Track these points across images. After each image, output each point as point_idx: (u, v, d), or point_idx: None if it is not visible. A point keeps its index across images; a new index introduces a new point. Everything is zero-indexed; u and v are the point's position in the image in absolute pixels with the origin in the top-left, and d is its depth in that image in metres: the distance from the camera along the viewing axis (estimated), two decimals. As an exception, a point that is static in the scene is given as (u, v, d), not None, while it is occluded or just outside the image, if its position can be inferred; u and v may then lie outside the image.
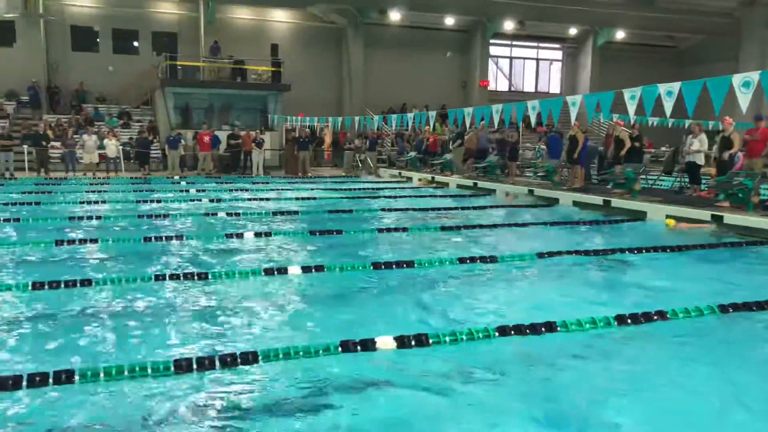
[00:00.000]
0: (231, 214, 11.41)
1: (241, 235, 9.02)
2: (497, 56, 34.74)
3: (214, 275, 6.50)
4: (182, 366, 4.03)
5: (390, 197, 15.10)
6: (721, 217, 10.04)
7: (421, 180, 19.59)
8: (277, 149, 24.96)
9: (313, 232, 9.38)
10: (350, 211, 12.16)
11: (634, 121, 13.90)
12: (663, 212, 10.99)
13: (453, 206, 13.14)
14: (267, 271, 6.70)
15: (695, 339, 4.95)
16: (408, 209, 12.48)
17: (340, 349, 4.38)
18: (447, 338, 4.67)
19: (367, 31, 30.26)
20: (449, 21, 31.15)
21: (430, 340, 4.60)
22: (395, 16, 29.67)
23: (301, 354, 4.30)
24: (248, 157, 22.03)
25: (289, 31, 30.20)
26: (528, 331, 4.86)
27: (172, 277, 6.37)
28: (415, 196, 15.30)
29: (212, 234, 9.16)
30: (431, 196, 15.39)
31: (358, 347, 4.42)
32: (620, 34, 33.17)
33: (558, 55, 35.96)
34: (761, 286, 6.54)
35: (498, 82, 35.01)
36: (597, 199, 12.65)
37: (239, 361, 4.15)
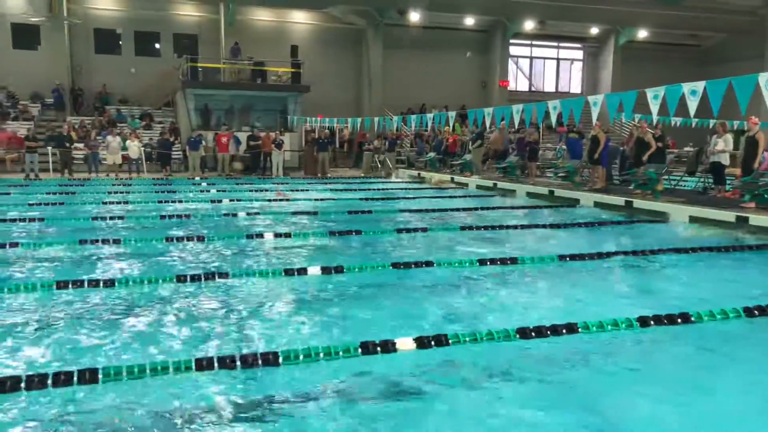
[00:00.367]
0: (250, 214, 11.47)
1: (261, 235, 9.07)
2: (517, 56, 34.56)
3: (234, 275, 6.54)
4: (203, 365, 4.06)
5: (409, 198, 15.08)
6: (747, 218, 9.87)
7: (433, 180, 19.44)
8: (297, 150, 25.07)
9: (333, 233, 9.40)
10: (369, 211, 12.17)
11: (657, 121, 13.71)
12: (686, 213, 10.84)
13: (472, 207, 13.08)
14: (287, 272, 6.73)
15: (720, 342, 4.88)
16: (427, 210, 12.46)
17: (360, 351, 4.38)
18: (467, 339, 4.64)
19: (387, 31, 30.29)
20: (469, 21, 31.05)
21: (450, 341, 4.58)
22: (414, 16, 29.64)
23: (322, 355, 4.31)
24: (268, 158, 22.16)
25: (309, 32, 30.33)
26: (548, 333, 4.82)
27: (193, 278, 6.42)
28: (434, 197, 15.26)
29: (232, 234, 9.23)
30: (450, 197, 15.35)
31: (378, 348, 4.42)
32: (642, 33, 32.81)
33: (579, 54, 35.65)
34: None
35: (518, 82, 34.83)
36: (619, 199, 12.51)
37: (260, 361, 4.17)
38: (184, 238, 8.80)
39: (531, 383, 4.06)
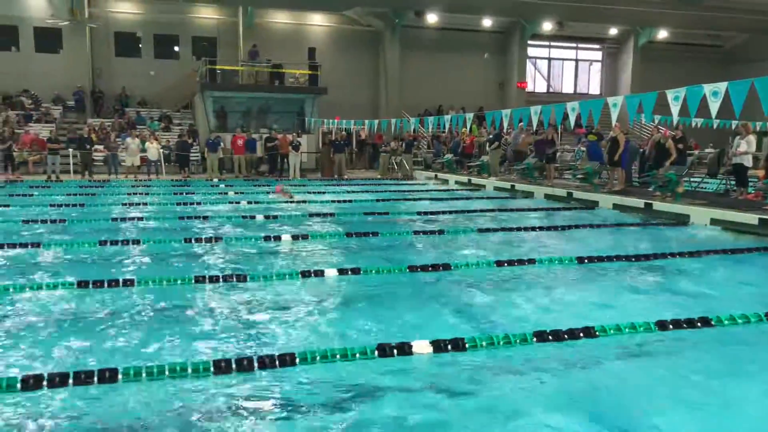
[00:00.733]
0: (268, 216, 11.53)
1: (278, 237, 9.11)
2: (535, 57, 34.36)
3: (251, 277, 6.57)
4: (221, 367, 4.08)
5: (426, 199, 15.06)
6: (769, 220, 9.73)
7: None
8: (314, 152, 25.15)
9: (349, 234, 9.41)
10: (386, 213, 12.17)
11: (677, 123, 13.55)
12: (708, 216, 10.70)
13: (490, 208, 13.02)
14: (303, 274, 6.75)
15: (741, 347, 4.81)
16: (444, 211, 12.43)
17: (376, 353, 4.37)
18: (484, 342, 4.62)
19: (404, 33, 30.29)
20: (486, 22, 30.94)
21: (467, 345, 4.57)
22: (432, 18, 29.63)
23: (338, 357, 4.32)
24: (285, 160, 22.26)
25: (327, 34, 30.43)
26: (566, 336, 4.79)
27: (212, 279, 6.46)
28: (451, 199, 15.22)
29: (250, 236, 9.28)
30: (467, 199, 15.30)
31: (395, 351, 4.41)
32: (663, 34, 32.45)
33: (597, 55, 35.35)
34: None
35: (536, 84, 34.61)
36: (638, 202, 12.38)
37: (277, 362, 4.18)
38: (202, 239, 8.87)
39: (548, 387, 4.03)
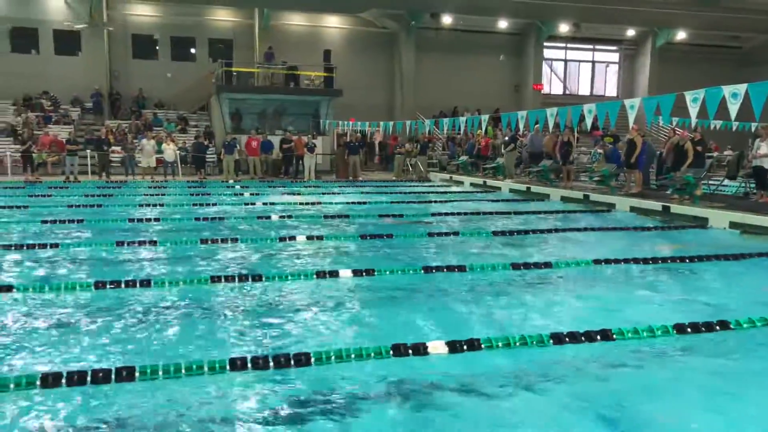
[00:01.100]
0: (283, 217, 11.57)
1: (293, 238, 9.13)
2: (551, 59, 34.18)
3: (267, 277, 6.60)
4: (237, 365, 4.10)
5: (440, 201, 15.03)
6: (790, 224, 9.60)
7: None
8: (329, 153, 25.20)
9: (364, 236, 9.41)
10: (401, 215, 12.16)
11: (695, 125, 13.41)
12: (727, 219, 10.58)
13: (505, 211, 12.97)
14: (318, 274, 6.76)
15: (761, 351, 4.74)
16: (459, 213, 12.40)
17: (391, 353, 4.37)
18: (500, 344, 4.60)
19: (419, 35, 30.28)
20: (502, 24, 30.83)
21: (482, 345, 4.54)
22: (447, 20, 29.59)
23: (353, 357, 4.31)
24: (300, 162, 22.33)
25: (342, 36, 30.51)
26: (583, 339, 4.75)
27: (228, 279, 6.49)
28: (466, 201, 15.17)
29: (265, 237, 9.31)
30: (483, 201, 15.24)
31: (410, 351, 4.40)
32: (681, 35, 32.11)
33: (614, 57, 35.08)
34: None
35: (552, 86, 34.42)
36: (656, 204, 12.27)
37: (292, 362, 4.19)
38: (218, 239, 8.92)
39: (564, 390, 3.99)
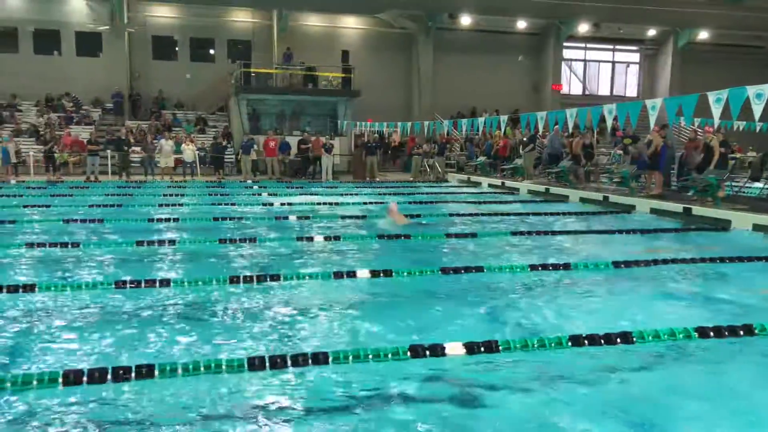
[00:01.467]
0: (301, 217, 11.60)
1: (311, 238, 9.15)
2: (570, 59, 33.94)
3: (285, 277, 6.61)
4: (255, 364, 4.11)
5: (458, 202, 14.98)
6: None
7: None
8: (346, 154, 25.24)
9: (381, 236, 9.40)
10: (418, 215, 12.12)
11: (718, 126, 13.23)
12: (750, 221, 10.41)
13: (524, 212, 12.89)
14: (336, 275, 6.76)
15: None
16: (477, 214, 12.34)
17: (409, 354, 4.35)
18: (518, 345, 4.56)
19: (438, 36, 30.23)
20: (521, 24, 30.69)
21: (500, 347, 4.51)
22: (466, 20, 29.50)
23: (371, 357, 4.30)
24: (318, 162, 22.39)
25: (360, 37, 30.56)
26: (602, 342, 4.69)
27: (246, 279, 6.52)
28: (484, 202, 15.10)
29: (283, 237, 9.34)
30: (501, 202, 15.17)
31: (427, 352, 4.38)
32: (703, 35, 31.70)
33: (635, 57, 34.73)
34: None
35: (571, 86, 34.17)
36: (677, 206, 12.10)
37: (310, 361, 4.20)
38: (237, 239, 8.96)
39: (583, 393, 3.96)
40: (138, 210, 12.73)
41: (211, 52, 29.42)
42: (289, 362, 4.17)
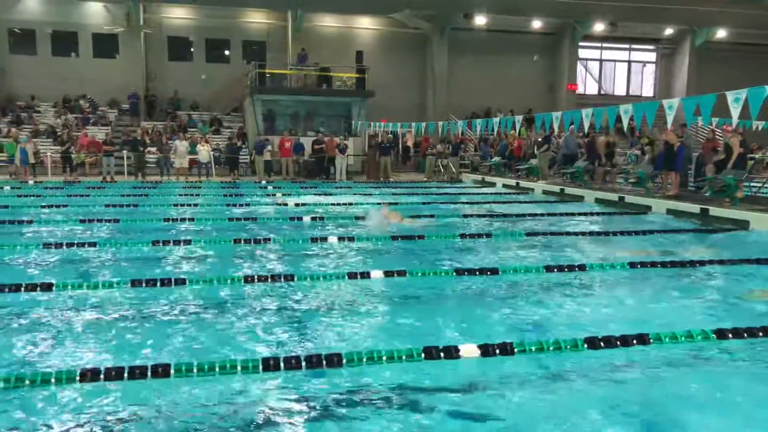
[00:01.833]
0: (315, 218, 11.62)
1: (324, 238, 9.16)
2: (586, 59, 33.70)
3: (299, 277, 6.63)
4: (270, 365, 4.12)
5: (473, 203, 14.93)
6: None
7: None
8: (360, 155, 25.26)
9: (395, 237, 9.39)
10: (432, 216, 12.10)
11: (736, 125, 13.07)
12: (768, 222, 10.27)
13: (539, 212, 12.82)
14: (350, 275, 6.76)
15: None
16: (491, 215, 12.29)
17: (423, 356, 4.34)
18: (533, 347, 4.53)
19: (452, 36, 30.15)
20: (536, 24, 30.52)
21: (515, 349, 4.48)
22: (481, 20, 29.38)
23: (384, 358, 4.30)
24: (332, 163, 22.43)
25: (375, 37, 30.56)
26: (618, 344, 4.65)
27: (260, 279, 6.54)
28: (499, 202, 15.04)
29: (297, 237, 9.37)
30: (516, 203, 15.10)
31: (442, 354, 4.37)
32: (721, 33, 31.30)
33: (651, 56, 34.42)
34: None
35: (587, 86, 33.94)
36: (694, 207, 11.97)
37: (324, 362, 4.20)
38: (251, 239, 8.99)
39: (598, 396, 3.93)
40: (153, 210, 12.82)
41: (226, 53, 29.58)
42: (303, 363, 4.18)
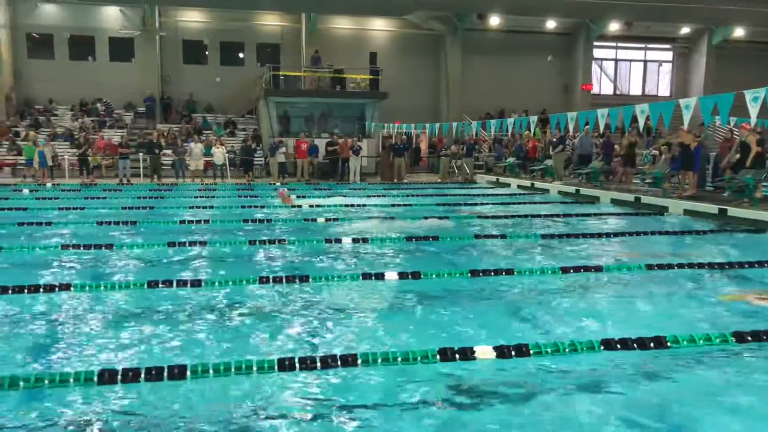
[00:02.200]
0: (329, 219, 11.65)
1: (339, 240, 9.17)
2: (601, 58, 33.44)
3: (314, 278, 6.64)
4: (285, 365, 4.13)
5: (487, 204, 14.88)
6: None
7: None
8: (374, 156, 25.27)
9: (410, 238, 9.38)
10: (446, 217, 12.07)
11: (755, 124, 12.89)
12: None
13: (554, 213, 12.74)
14: (365, 276, 6.76)
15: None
16: (506, 216, 12.24)
17: (438, 357, 4.33)
18: (549, 349, 4.50)
19: (466, 36, 30.07)
20: (550, 24, 30.34)
21: (531, 351, 4.46)
22: (495, 21, 29.28)
23: (399, 359, 4.29)
24: (346, 164, 22.46)
25: (388, 39, 30.57)
26: (635, 346, 4.61)
27: (275, 280, 6.56)
28: (514, 203, 14.98)
29: (311, 238, 9.39)
30: (530, 203, 15.03)
31: (457, 355, 4.36)
32: (739, 32, 30.91)
33: (667, 56, 34.08)
34: None
35: (602, 86, 33.68)
36: (711, 207, 11.84)
37: (339, 363, 4.20)
38: (266, 241, 9.03)
39: (615, 398, 3.89)
40: (169, 212, 12.91)
41: (241, 55, 29.73)
42: (318, 364, 4.19)
